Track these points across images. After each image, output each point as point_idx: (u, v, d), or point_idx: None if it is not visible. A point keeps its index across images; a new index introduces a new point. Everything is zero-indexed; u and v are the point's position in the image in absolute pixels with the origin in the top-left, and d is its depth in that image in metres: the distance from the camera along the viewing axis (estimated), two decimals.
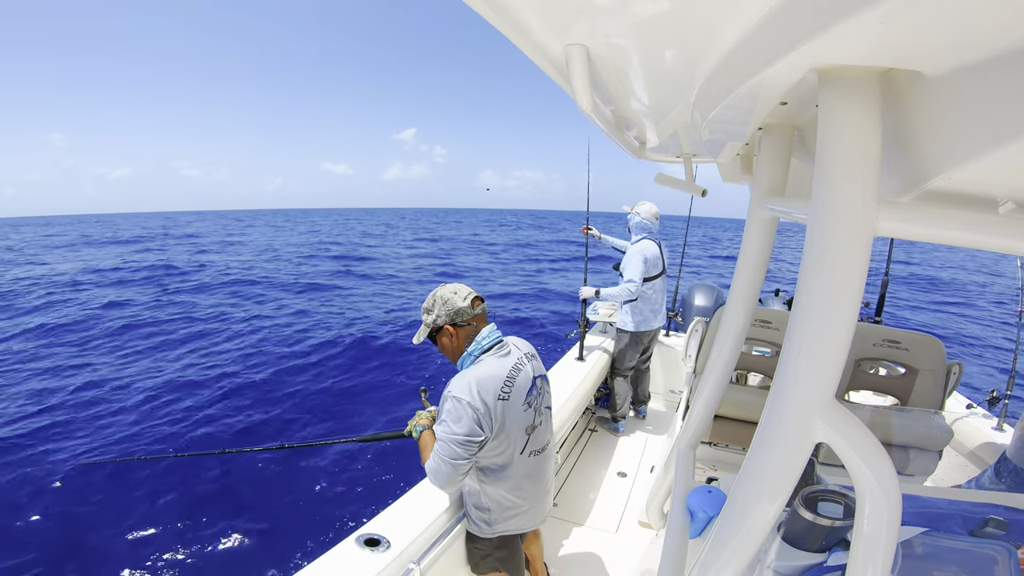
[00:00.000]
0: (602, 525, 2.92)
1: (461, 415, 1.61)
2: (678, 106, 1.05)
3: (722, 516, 0.83)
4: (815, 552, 0.99)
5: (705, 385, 1.51)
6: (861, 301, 0.64)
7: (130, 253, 24.52)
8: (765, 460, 0.72)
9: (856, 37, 0.46)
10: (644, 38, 0.66)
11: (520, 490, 1.80)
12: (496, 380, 1.66)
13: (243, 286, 14.32)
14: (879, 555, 0.62)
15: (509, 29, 0.66)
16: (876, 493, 0.60)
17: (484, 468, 1.75)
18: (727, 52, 0.64)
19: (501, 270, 18.87)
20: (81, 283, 15.08)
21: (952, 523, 0.98)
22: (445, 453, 1.63)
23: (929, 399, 2.31)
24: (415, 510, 1.93)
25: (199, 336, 9.03)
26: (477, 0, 0.57)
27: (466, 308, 1.73)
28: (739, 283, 1.34)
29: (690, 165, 2.07)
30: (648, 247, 3.65)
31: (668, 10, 0.55)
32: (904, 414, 2.23)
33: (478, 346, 1.73)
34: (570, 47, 0.72)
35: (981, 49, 0.43)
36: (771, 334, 2.53)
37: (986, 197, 0.67)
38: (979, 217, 0.60)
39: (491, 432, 1.64)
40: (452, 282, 1.80)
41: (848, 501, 0.98)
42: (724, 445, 2.79)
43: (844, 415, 0.64)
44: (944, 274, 18.32)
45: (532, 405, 1.76)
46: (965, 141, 0.53)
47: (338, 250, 26.28)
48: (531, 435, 1.77)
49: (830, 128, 0.63)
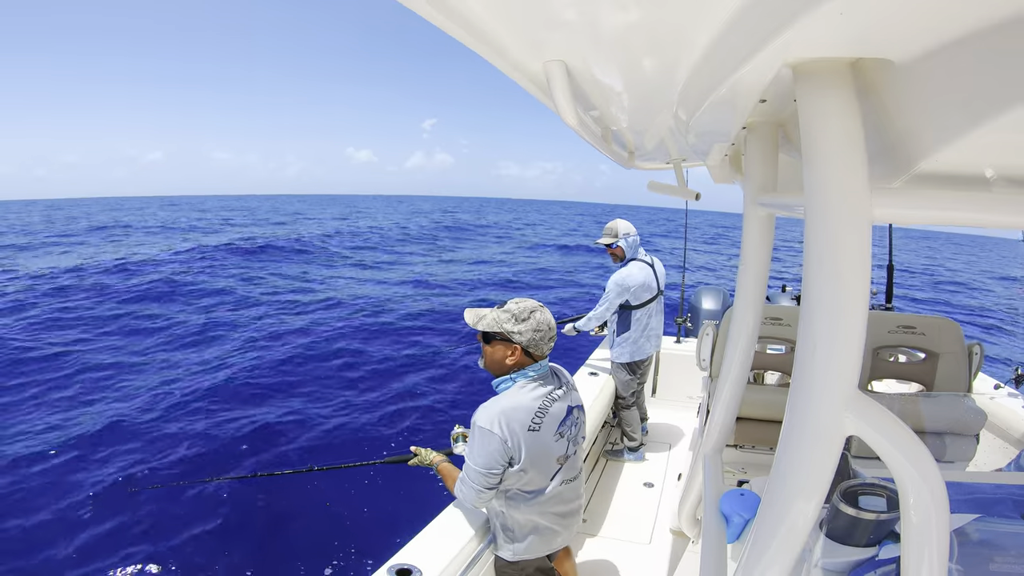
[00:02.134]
0: (634, 537, 2.86)
1: (484, 446, 1.61)
2: (661, 113, 1.06)
3: (759, 518, 0.81)
4: (864, 547, 0.96)
5: (723, 388, 1.49)
6: (869, 288, 0.64)
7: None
8: (796, 458, 0.71)
9: (820, 30, 0.48)
10: (619, 49, 0.67)
11: (548, 515, 1.77)
12: (526, 411, 1.64)
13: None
14: (933, 545, 0.60)
15: (486, 50, 0.68)
16: (918, 483, 0.59)
17: (512, 495, 1.73)
18: (701, 55, 0.65)
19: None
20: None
21: (1003, 507, 0.95)
22: (470, 477, 1.67)
23: (955, 382, 2.26)
24: (444, 537, 1.90)
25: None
26: (450, 24, 0.58)
27: (544, 347, 1.71)
28: (744, 283, 1.33)
29: (680, 170, 2.09)
30: (633, 275, 3.43)
31: (639, 19, 0.56)
32: (933, 400, 2.17)
33: (523, 374, 1.71)
34: (549, 64, 0.73)
35: (943, 33, 0.44)
36: (784, 331, 2.50)
37: (976, 176, 0.67)
38: (971, 196, 0.61)
39: (518, 462, 1.63)
40: (546, 309, 1.75)
41: (890, 493, 0.96)
42: (750, 447, 2.73)
43: (872, 406, 0.63)
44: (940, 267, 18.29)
45: (565, 435, 1.74)
46: (943, 122, 0.53)
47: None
48: (563, 464, 1.75)
49: (811, 121, 0.64)
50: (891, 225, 3.75)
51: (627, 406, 3.66)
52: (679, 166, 2.03)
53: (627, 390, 3.64)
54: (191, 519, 4.00)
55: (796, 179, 1.33)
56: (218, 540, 3.81)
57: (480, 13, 0.58)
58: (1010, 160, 0.60)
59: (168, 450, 5.01)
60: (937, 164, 0.60)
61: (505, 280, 14.83)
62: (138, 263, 15.39)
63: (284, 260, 17.37)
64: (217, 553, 3.68)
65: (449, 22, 0.57)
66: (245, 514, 4.09)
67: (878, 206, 0.60)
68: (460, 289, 13.20)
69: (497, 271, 16.47)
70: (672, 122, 1.11)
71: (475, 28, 0.61)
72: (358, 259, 18.47)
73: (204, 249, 18.45)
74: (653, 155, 1.81)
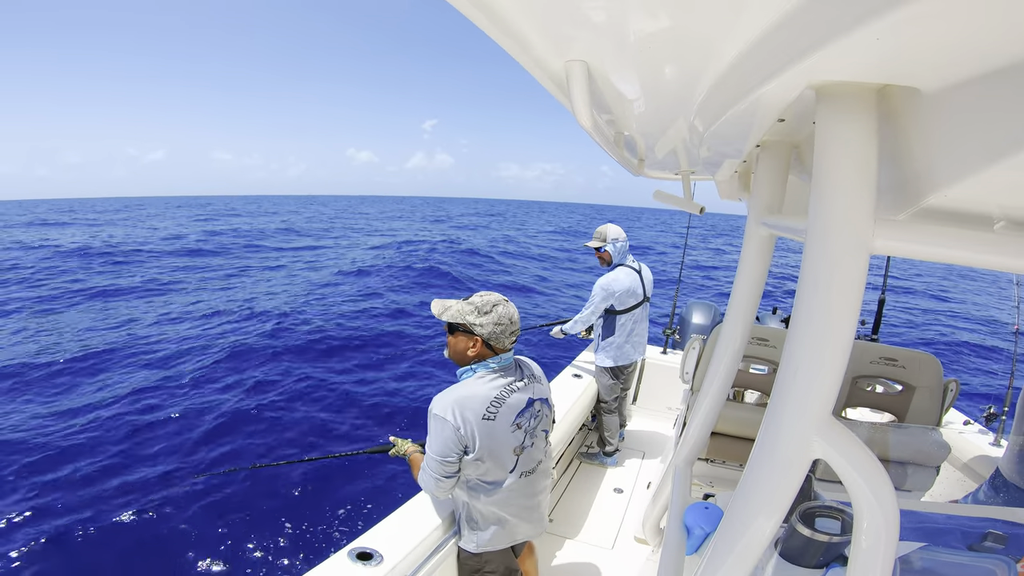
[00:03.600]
0: (598, 541, 2.89)
1: (439, 433, 1.64)
2: (677, 123, 1.06)
3: (719, 532, 0.83)
4: (812, 568, 0.98)
5: (702, 402, 1.50)
6: (858, 319, 0.64)
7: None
8: (762, 476, 0.72)
9: (852, 54, 0.47)
10: (644, 54, 0.67)
11: (508, 506, 1.79)
12: (481, 400, 1.66)
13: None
14: (877, 570, 0.61)
15: (511, 44, 0.67)
16: (874, 508, 0.60)
17: (473, 485, 1.75)
18: (725, 69, 0.65)
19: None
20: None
21: (951, 538, 0.98)
22: (429, 467, 1.71)
23: (926, 415, 2.31)
24: (408, 524, 1.90)
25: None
26: (479, 15, 0.58)
27: (506, 340, 1.73)
28: (736, 301, 1.34)
29: (688, 182, 2.09)
30: (619, 279, 3.44)
31: (667, 27, 0.56)
32: (901, 431, 2.22)
33: (484, 365, 1.73)
34: (570, 63, 0.73)
35: (975, 65, 0.44)
36: (768, 352, 2.52)
37: (981, 215, 0.68)
38: (974, 235, 0.60)
39: (473, 450, 1.65)
40: (513, 303, 1.78)
41: (846, 517, 0.98)
42: (721, 462, 2.77)
43: (841, 432, 0.64)
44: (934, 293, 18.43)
45: (522, 427, 1.75)
46: (960, 158, 0.53)
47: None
48: (520, 456, 1.76)
49: (827, 144, 0.63)
50: (888, 257, 3.78)
51: (609, 411, 3.68)
52: (687, 178, 2.03)
53: (610, 395, 3.66)
54: (181, 515, 4.01)
55: (800, 202, 1.34)
56: (201, 531, 3.82)
57: (509, 7, 0.57)
58: (1019, 201, 0.60)
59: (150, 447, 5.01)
60: (945, 200, 0.60)
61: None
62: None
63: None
64: (194, 545, 3.70)
65: (477, 12, 0.57)
66: (225, 508, 4.10)
67: (880, 237, 0.60)
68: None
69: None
70: (687, 133, 1.11)
71: (502, 21, 0.60)
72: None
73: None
74: (663, 164, 1.81)
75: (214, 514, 4.00)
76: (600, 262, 3.59)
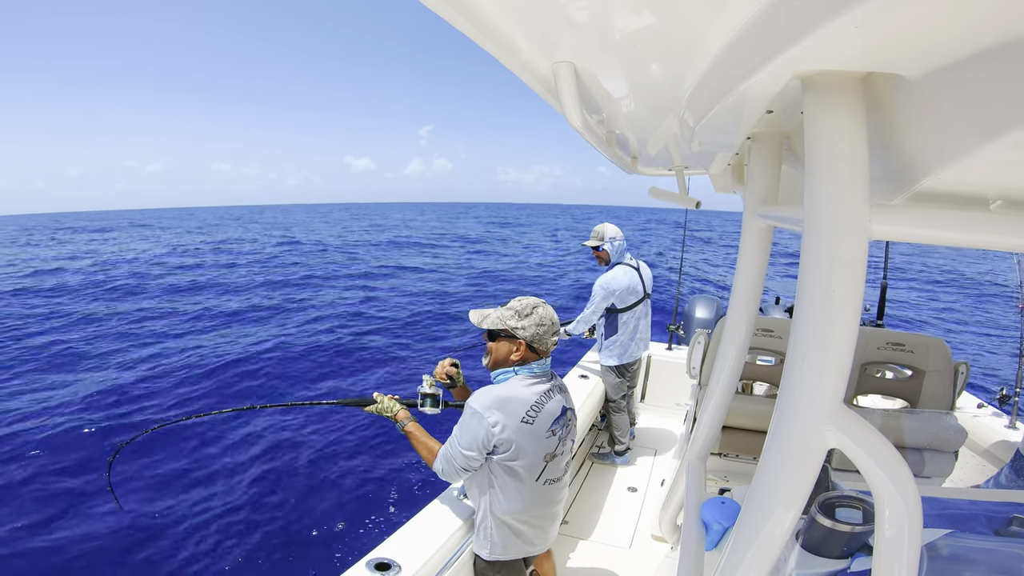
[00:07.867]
0: (615, 541, 2.87)
1: (472, 428, 1.64)
2: (667, 119, 1.06)
3: (737, 527, 0.82)
4: (837, 558, 0.97)
5: (711, 396, 1.49)
6: (861, 305, 0.64)
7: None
8: (777, 469, 0.71)
9: (833, 42, 0.47)
10: (629, 52, 0.67)
11: (529, 515, 1.77)
12: (522, 403, 1.67)
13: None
14: (903, 559, 0.60)
15: (497, 49, 0.67)
16: (894, 497, 0.59)
17: (497, 489, 1.74)
18: (711, 62, 0.65)
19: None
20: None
21: (976, 523, 0.97)
22: (452, 456, 1.70)
23: (939, 400, 2.29)
24: (425, 533, 1.89)
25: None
26: (462, 21, 0.58)
27: (548, 342, 1.75)
28: (738, 293, 1.34)
29: (682, 177, 2.09)
30: (618, 278, 3.46)
31: (651, 24, 0.56)
32: (915, 416, 2.20)
33: (526, 369, 1.74)
34: (558, 65, 0.73)
35: (957, 50, 0.44)
36: (774, 342, 2.51)
37: (976, 196, 0.68)
38: (970, 216, 0.61)
39: (506, 451, 1.65)
40: (549, 305, 1.80)
41: (867, 506, 0.97)
42: (734, 456, 2.75)
43: (855, 420, 0.63)
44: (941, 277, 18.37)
45: (556, 434, 1.76)
46: (949, 141, 0.53)
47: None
48: (549, 463, 1.76)
49: (816, 134, 0.63)
50: (888, 243, 3.77)
51: (617, 409, 3.68)
52: (681, 173, 2.04)
53: (616, 393, 3.65)
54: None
55: (796, 192, 1.34)
56: (196, 537, 3.81)
57: (492, 11, 0.57)
58: (1013, 182, 0.61)
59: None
60: (939, 183, 0.60)
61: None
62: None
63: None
64: (207, 555, 3.68)
65: (461, 18, 0.57)
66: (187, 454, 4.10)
67: (877, 223, 0.60)
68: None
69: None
70: (678, 128, 1.11)
71: (486, 26, 0.61)
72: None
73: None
74: (656, 161, 1.82)
75: (227, 530, 3.99)
76: (598, 261, 3.61)
